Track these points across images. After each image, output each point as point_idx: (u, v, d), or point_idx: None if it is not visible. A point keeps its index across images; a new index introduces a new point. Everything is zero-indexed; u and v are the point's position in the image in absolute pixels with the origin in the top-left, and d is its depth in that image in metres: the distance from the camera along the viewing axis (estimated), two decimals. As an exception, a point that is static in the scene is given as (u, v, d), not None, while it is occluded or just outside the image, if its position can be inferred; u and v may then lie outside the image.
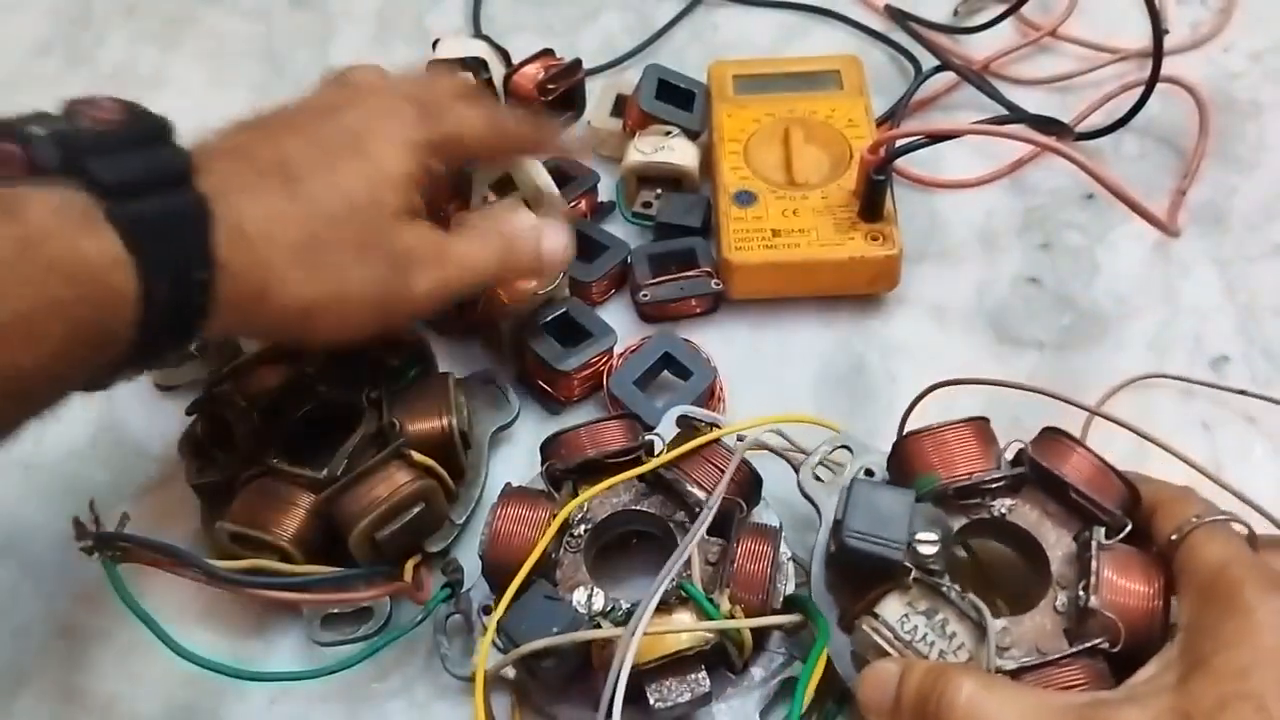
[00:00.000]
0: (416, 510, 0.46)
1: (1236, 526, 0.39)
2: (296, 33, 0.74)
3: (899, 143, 0.55)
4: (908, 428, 0.48)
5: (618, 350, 0.55)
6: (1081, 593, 0.39)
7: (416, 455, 0.47)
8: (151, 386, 0.56)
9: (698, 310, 0.57)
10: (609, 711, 0.38)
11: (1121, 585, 0.39)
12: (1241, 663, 0.33)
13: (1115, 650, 0.38)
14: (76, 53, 0.73)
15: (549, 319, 0.54)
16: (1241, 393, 0.52)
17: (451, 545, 0.49)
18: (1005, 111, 0.62)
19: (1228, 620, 0.34)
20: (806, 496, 0.46)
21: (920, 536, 0.40)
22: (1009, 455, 0.44)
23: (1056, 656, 0.38)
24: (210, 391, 0.50)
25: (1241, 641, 0.34)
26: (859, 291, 0.57)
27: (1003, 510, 0.43)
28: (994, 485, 0.43)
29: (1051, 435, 0.44)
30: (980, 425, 0.45)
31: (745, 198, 0.58)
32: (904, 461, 0.45)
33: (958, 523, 0.43)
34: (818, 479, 0.46)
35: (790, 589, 0.45)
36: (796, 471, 0.47)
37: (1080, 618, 0.39)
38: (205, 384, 0.51)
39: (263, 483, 0.47)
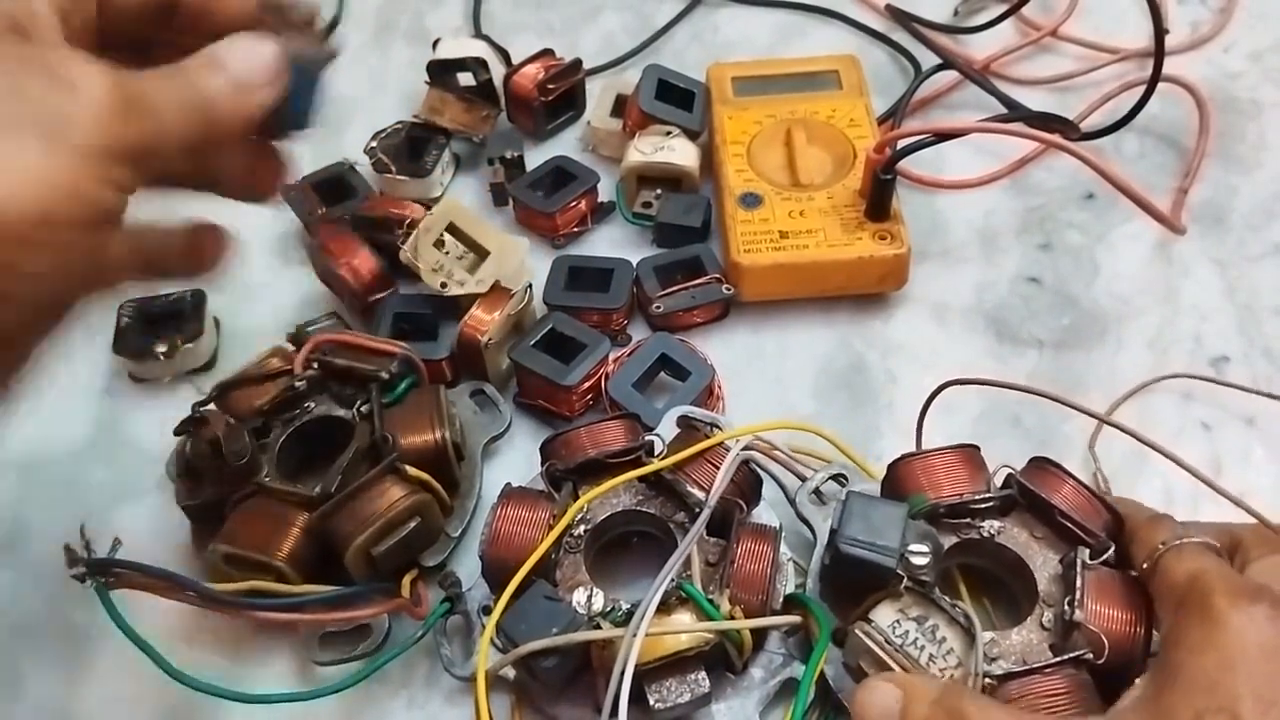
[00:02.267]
0: (412, 525, 0.46)
1: (1204, 539, 0.39)
2: (296, 32, 0.73)
3: (904, 142, 0.55)
4: (923, 432, 0.49)
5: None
6: (1066, 607, 0.40)
7: (411, 469, 0.46)
8: (151, 387, 0.56)
9: (711, 317, 0.57)
10: (612, 712, 0.38)
11: (1104, 600, 0.40)
12: (1213, 672, 0.33)
13: (1100, 663, 0.39)
14: (76, 52, 0.73)
15: (538, 338, 0.53)
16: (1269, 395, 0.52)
17: (448, 559, 0.48)
18: (1008, 110, 0.62)
19: (1199, 630, 0.34)
20: (802, 519, 0.47)
21: (913, 548, 0.41)
22: (998, 481, 0.45)
23: (1041, 665, 0.40)
24: (199, 411, 0.49)
25: (1212, 650, 0.33)
26: (868, 291, 0.57)
27: (992, 531, 0.44)
28: (983, 506, 0.44)
29: (1039, 464, 0.45)
30: (970, 452, 0.46)
31: (751, 200, 0.58)
32: (896, 485, 0.45)
33: (949, 542, 0.44)
34: (813, 501, 0.48)
35: (790, 589, 0.45)
36: (786, 491, 0.48)
37: (1065, 631, 0.40)
38: (194, 403, 0.49)
39: (255, 502, 0.46)
